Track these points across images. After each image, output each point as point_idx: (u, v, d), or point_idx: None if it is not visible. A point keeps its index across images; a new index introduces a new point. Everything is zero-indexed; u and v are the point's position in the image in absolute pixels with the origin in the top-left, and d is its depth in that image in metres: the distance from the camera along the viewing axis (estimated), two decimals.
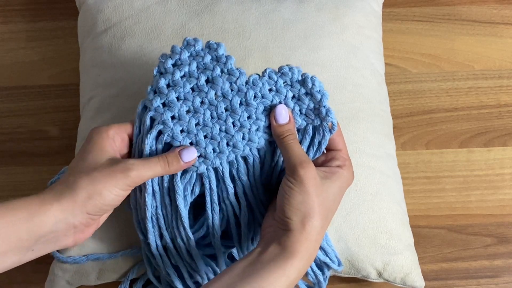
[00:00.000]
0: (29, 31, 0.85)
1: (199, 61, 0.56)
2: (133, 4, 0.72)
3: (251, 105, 0.56)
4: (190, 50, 0.57)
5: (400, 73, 0.83)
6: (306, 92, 0.56)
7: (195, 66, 0.56)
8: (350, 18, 0.72)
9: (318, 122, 0.56)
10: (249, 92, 0.55)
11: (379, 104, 0.71)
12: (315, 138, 0.57)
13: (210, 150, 0.56)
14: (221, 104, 0.55)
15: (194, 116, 0.56)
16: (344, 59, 0.70)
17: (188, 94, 0.56)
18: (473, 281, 0.72)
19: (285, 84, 0.56)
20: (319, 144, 0.57)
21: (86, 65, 0.73)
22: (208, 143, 0.56)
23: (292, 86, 0.56)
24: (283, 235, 0.51)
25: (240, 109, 0.56)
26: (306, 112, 0.56)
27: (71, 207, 0.51)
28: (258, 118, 0.56)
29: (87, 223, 0.54)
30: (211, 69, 0.55)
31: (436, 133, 0.79)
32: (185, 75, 0.56)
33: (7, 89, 0.82)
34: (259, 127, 0.56)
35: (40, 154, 0.78)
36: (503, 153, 0.78)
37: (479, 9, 0.87)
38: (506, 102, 0.81)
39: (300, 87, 0.56)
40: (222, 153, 0.56)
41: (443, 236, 0.74)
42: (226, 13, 0.71)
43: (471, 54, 0.84)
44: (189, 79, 0.56)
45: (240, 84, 0.55)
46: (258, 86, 0.56)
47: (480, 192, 0.76)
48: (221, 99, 0.56)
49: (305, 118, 0.56)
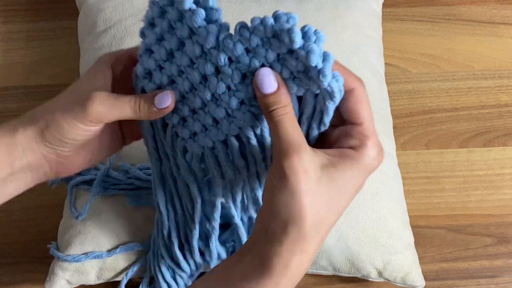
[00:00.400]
0: (29, 31, 0.85)
1: (171, 18, 0.44)
2: (133, 3, 0.72)
3: (225, 72, 0.43)
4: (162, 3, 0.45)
5: (400, 73, 0.83)
6: (289, 49, 0.41)
7: (166, 25, 0.45)
8: (350, 18, 0.72)
9: (315, 88, 0.41)
10: (220, 56, 0.43)
11: (379, 103, 0.71)
12: (316, 108, 0.43)
13: (200, 128, 0.48)
14: (194, 74, 0.45)
15: (176, 87, 0.47)
16: (344, 59, 0.69)
17: (165, 63, 0.47)
18: (473, 281, 0.72)
19: (262, 42, 0.42)
20: (320, 117, 0.43)
21: (86, 65, 0.73)
22: (195, 119, 0.48)
23: (271, 44, 0.41)
24: (262, 243, 0.41)
25: (214, 79, 0.44)
26: (296, 75, 0.42)
27: (32, 134, 0.47)
28: (237, 89, 0.44)
29: (58, 155, 0.48)
30: (180, 29, 0.44)
31: (436, 133, 0.79)
32: (159, 38, 0.46)
33: (7, 89, 0.82)
34: (242, 100, 0.44)
35: None
36: (503, 153, 0.78)
37: (479, 9, 0.87)
38: (506, 102, 0.81)
39: (280, 44, 0.41)
40: (211, 131, 0.47)
41: (443, 236, 0.74)
42: (225, 12, 0.70)
43: (471, 54, 0.84)
44: (162, 42, 0.46)
45: (210, 48, 0.43)
46: (229, 47, 0.42)
47: (480, 192, 0.76)
48: (196, 66, 0.45)
49: (299, 82, 0.42)
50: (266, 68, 0.42)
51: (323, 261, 0.65)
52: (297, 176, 0.39)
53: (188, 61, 0.45)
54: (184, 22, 0.43)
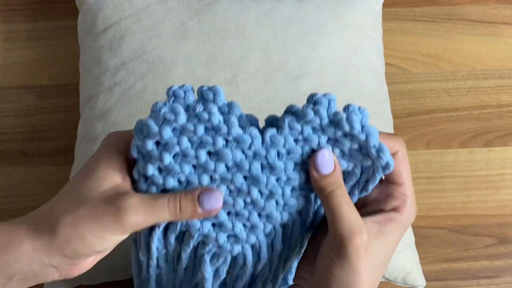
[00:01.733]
0: (29, 31, 0.85)
1: (190, 136, 0.41)
2: (133, 3, 0.72)
3: (276, 167, 0.42)
4: (172, 125, 0.41)
5: (401, 73, 0.83)
6: (344, 133, 0.42)
7: (186, 143, 0.41)
8: (350, 17, 0.72)
9: (369, 163, 0.42)
10: (270, 154, 0.42)
11: (379, 103, 0.71)
12: (362, 177, 0.44)
13: (240, 228, 0.44)
14: (237, 177, 0.42)
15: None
16: (344, 58, 0.70)
17: (190, 175, 0.42)
18: (474, 281, 0.72)
19: (314, 130, 0.42)
20: (365, 184, 0.44)
21: (86, 65, 0.73)
22: (235, 221, 0.44)
23: (323, 131, 0.42)
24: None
25: (263, 175, 0.42)
26: (350, 153, 0.43)
27: (46, 249, 0.40)
28: (289, 177, 0.43)
29: (71, 263, 0.42)
30: (211, 143, 0.41)
31: (437, 133, 0.79)
32: (177, 154, 0.42)
33: (7, 89, 0.82)
34: (293, 187, 0.44)
35: (40, 154, 0.78)
36: (503, 153, 0.78)
37: (480, 9, 0.87)
38: (507, 102, 0.81)
39: (335, 130, 0.42)
40: (256, 227, 0.44)
41: (444, 237, 0.74)
42: (226, 12, 0.71)
43: (472, 54, 0.84)
44: (184, 159, 0.42)
45: (256, 150, 0.42)
46: (280, 143, 0.42)
47: (481, 192, 0.76)
48: (235, 170, 0.42)
49: (349, 159, 0.43)
50: (325, 149, 0.42)
51: None
52: (360, 256, 0.40)
53: (224, 167, 0.42)
54: (216, 136, 0.42)
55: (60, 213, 0.41)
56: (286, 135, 0.42)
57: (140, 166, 0.42)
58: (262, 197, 0.43)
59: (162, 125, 0.41)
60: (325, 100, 0.41)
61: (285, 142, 0.42)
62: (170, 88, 0.42)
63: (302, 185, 0.44)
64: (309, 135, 0.42)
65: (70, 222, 0.40)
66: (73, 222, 0.40)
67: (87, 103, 0.70)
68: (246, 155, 0.42)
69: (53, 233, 0.40)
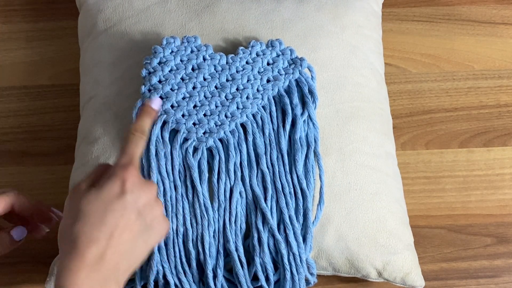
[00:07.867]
0: (29, 31, 0.86)
1: (182, 54, 0.65)
2: (133, 4, 0.72)
3: (236, 78, 0.65)
4: (171, 47, 0.65)
5: (400, 73, 0.83)
6: (277, 54, 0.66)
7: (179, 59, 0.65)
8: (349, 18, 0.72)
9: (297, 74, 0.66)
10: (232, 68, 0.65)
11: (379, 103, 0.71)
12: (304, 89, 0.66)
13: (212, 124, 0.63)
14: (211, 84, 0.64)
15: (190, 100, 0.64)
16: (344, 59, 0.70)
17: (180, 84, 0.64)
18: (473, 281, 0.72)
19: (257, 55, 0.66)
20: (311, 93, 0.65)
21: (86, 65, 0.73)
22: (210, 119, 0.64)
23: (264, 54, 0.66)
24: None
25: (228, 84, 0.65)
26: (285, 70, 0.66)
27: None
28: (245, 87, 0.65)
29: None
30: (195, 58, 0.65)
31: (436, 133, 0.79)
32: (172, 69, 0.65)
33: (7, 89, 0.82)
34: (248, 94, 0.65)
35: (40, 154, 0.78)
36: (502, 153, 0.78)
37: (479, 9, 0.87)
38: (506, 102, 0.81)
39: (271, 51, 0.66)
40: (224, 124, 0.64)
41: (443, 236, 0.74)
42: (226, 13, 0.71)
43: (471, 54, 0.84)
44: (177, 71, 0.65)
45: (222, 64, 0.65)
46: (236, 62, 0.66)
47: (480, 192, 0.76)
48: (210, 80, 0.65)
49: (284, 75, 0.66)
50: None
51: (322, 261, 0.65)
52: None
53: (202, 78, 0.65)
54: (199, 54, 0.66)
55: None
56: (241, 57, 0.66)
57: (147, 79, 0.64)
58: (228, 101, 0.64)
59: (166, 46, 0.65)
60: (260, 42, 0.67)
61: (240, 62, 0.66)
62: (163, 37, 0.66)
63: (255, 94, 0.65)
64: (254, 57, 0.66)
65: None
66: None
67: (88, 103, 0.70)
68: (217, 70, 0.65)
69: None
